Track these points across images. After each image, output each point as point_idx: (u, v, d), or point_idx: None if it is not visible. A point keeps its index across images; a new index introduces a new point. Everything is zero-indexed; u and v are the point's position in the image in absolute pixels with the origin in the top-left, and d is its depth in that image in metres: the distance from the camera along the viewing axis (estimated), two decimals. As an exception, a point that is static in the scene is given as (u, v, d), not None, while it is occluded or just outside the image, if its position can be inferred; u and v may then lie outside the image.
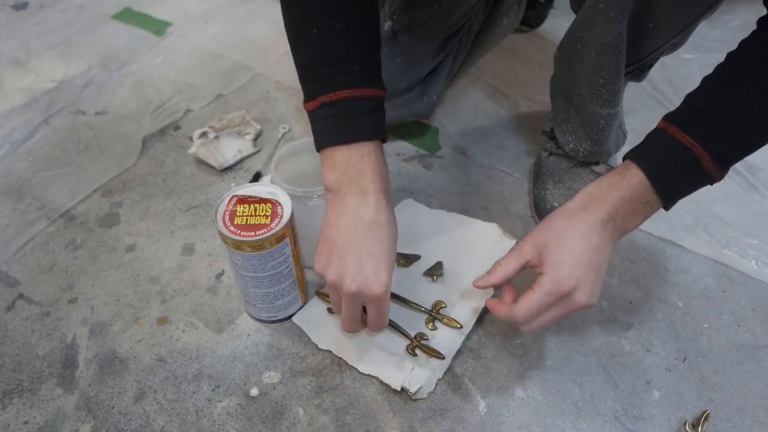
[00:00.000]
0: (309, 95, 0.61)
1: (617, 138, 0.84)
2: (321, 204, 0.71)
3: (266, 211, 0.64)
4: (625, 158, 0.61)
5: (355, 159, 0.59)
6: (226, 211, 0.64)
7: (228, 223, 0.63)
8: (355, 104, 0.59)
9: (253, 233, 0.62)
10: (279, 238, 0.63)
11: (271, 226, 0.62)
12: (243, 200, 0.65)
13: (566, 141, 0.82)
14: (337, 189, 0.60)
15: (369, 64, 0.61)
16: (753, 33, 0.58)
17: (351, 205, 0.59)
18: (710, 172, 0.58)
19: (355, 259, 0.57)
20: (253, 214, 0.63)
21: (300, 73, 0.62)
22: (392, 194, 0.88)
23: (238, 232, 0.62)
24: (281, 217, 0.63)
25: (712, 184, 0.61)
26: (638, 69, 0.77)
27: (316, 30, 0.59)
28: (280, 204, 0.64)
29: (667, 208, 0.62)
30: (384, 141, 0.62)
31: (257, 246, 0.62)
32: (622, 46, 0.67)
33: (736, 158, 0.60)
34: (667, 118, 0.60)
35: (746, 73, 0.57)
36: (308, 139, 0.77)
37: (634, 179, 0.59)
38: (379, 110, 0.61)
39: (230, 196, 0.65)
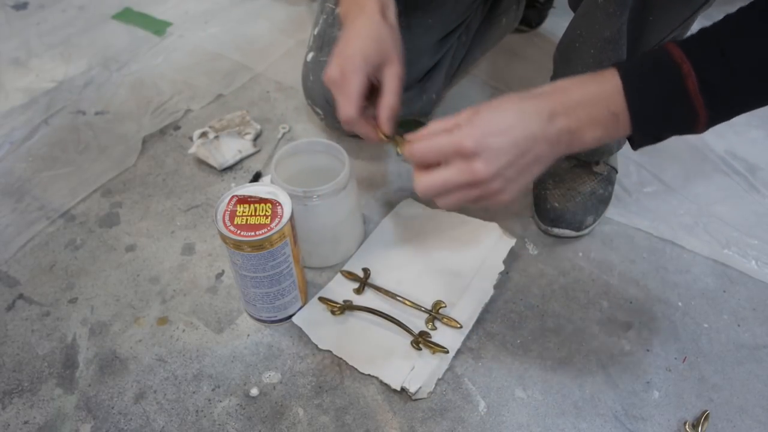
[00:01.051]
0: None
1: None
2: (321, 204, 0.71)
3: (266, 211, 0.64)
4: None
5: None
6: (226, 211, 0.64)
7: (228, 223, 0.63)
8: None
9: (253, 233, 0.62)
10: (279, 237, 0.63)
11: (271, 226, 0.62)
12: (243, 200, 0.65)
13: None
14: (345, 16, 0.68)
15: None
16: None
17: (348, 23, 0.67)
18: (694, 100, 0.50)
19: (333, 55, 0.65)
20: (253, 214, 0.63)
21: None
22: (393, 194, 0.88)
23: (238, 232, 0.62)
24: (281, 217, 0.63)
25: (692, 128, 0.52)
26: None
27: None
28: (280, 204, 0.64)
29: (634, 142, 0.55)
30: None
31: (257, 246, 0.62)
32: (622, 42, 0.67)
33: (729, 102, 0.52)
34: (673, 40, 0.54)
35: None
36: (308, 139, 0.78)
37: (606, 78, 0.53)
38: None
39: (230, 196, 0.65)
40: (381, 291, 0.74)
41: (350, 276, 0.76)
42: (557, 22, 1.23)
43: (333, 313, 0.72)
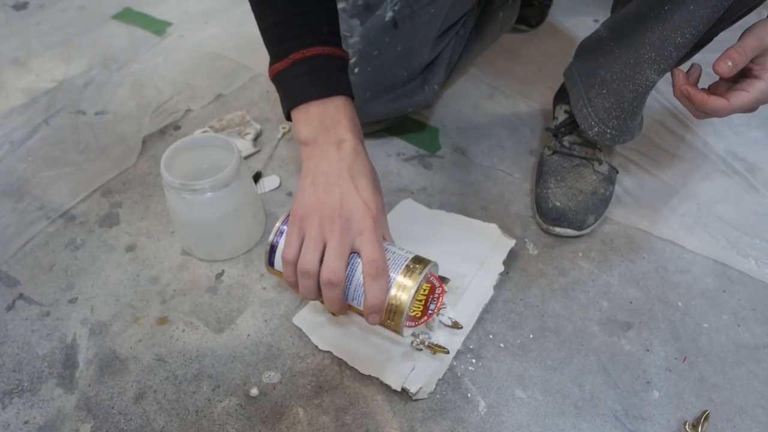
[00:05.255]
0: (278, 55, 0.63)
1: (640, 121, 0.82)
2: (198, 198, 0.71)
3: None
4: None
5: (330, 110, 0.62)
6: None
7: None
8: (328, 61, 0.62)
9: None
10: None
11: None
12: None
13: (589, 126, 0.79)
14: (313, 141, 0.62)
15: (335, 29, 0.65)
16: None
17: (331, 152, 0.61)
18: None
19: (338, 195, 0.60)
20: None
21: (267, 37, 0.65)
22: (393, 194, 0.88)
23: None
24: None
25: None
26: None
27: None
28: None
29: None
30: (353, 99, 0.65)
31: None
32: None
33: None
34: None
35: None
36: (204, 135, 0.78)
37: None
38: (346, 71, 0.65)
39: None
40: (381, 291, 0.74)
41: (350, 276, 0.76)
42: (557, 22, 1.23)
43: (335, 314, 0.72)
